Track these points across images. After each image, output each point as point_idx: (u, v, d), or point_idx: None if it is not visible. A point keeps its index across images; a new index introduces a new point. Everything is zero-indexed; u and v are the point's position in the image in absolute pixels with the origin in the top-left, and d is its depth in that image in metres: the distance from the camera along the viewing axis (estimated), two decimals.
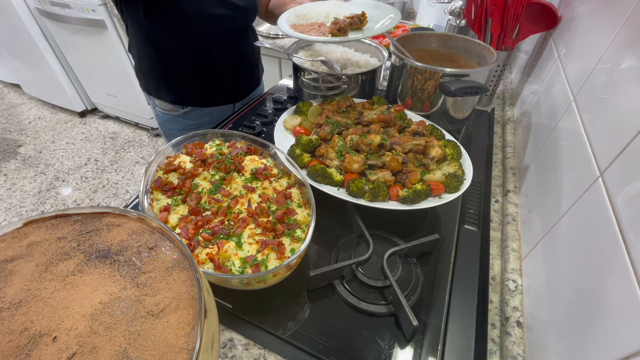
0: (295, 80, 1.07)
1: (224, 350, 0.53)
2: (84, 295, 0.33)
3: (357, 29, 0.88)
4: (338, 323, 0.56)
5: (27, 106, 3.18)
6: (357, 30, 0.88)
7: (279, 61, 1.78)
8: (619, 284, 0.35)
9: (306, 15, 0.95)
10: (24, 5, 2.33)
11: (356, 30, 0.88)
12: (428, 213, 0.76)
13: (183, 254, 0.38)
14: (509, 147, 0.94)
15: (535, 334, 0.51)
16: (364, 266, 0.61)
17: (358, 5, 0.96)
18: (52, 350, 0.29)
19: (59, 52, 2.60)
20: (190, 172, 0.66)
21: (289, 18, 0.93)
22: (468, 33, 1.21)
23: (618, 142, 0.42)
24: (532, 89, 0.97)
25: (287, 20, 0.92)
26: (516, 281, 0.61)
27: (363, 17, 0.88)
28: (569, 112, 0.63)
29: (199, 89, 1.05)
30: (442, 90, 0.84)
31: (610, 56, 0.54)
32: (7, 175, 2.42)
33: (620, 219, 0.38)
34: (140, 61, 1.02)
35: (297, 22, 0.93)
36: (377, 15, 0.92)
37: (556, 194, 0.57)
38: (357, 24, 0.87)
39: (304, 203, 0.64)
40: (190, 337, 0.31)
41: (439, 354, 0.52)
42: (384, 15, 0.92)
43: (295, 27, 0.90)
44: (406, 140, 0.74)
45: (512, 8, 0.97)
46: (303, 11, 0.95)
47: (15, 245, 0.37)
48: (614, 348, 0.33)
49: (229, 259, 0.53)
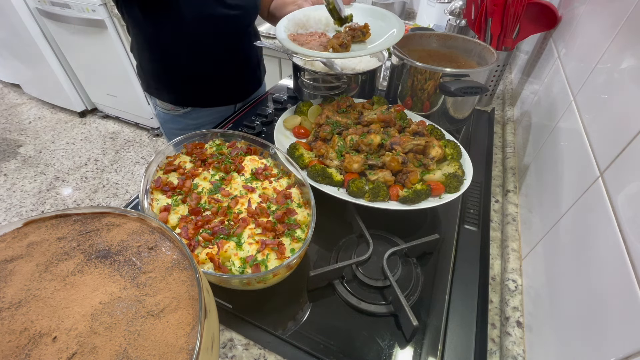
0: (295, 80, 1.07)
1: (224, 350, 0.53)
2: (84, 295, 0.33)
3: (359, 41, 0.84)
4: (338, 323, 0.56)
5: (27, 106, 3.18)
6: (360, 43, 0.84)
7: (279, 61, 1.78)
8: (619, 284, 0.35)
9: (305, 24, 0.91)
10: (24, 5, 2.33)
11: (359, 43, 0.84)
12: (428, 213, 0.76)
13: (183, 254, 0.38)
14: (509, 147, 0.94)
15: (535, 334, 0.50)
16: (364, 266, 0.61)
17: (358, 11, 0.92)
18: (52, 350, 0.29)
19: (59, 52, 2.60)
20: (190, 172, 0.66)
21: (287, 26, 0.88)
22: (468, 33, 1.21)
23: (618, 142, 0.42)
24: (532, 89, 0.97)
25: (286, 28, 0.87)
26: (516, 281, 0.61)
27: (366, 29, 0.84)
28: (569, 112, 0.63)
29: (200, 89, 1.05)
30: (442, 90, 0.84)
31: (610, 56, 0.54)
32: (7, 175, 2.42)
33: (620, 219, 0.38)
34: (141, 61, 1.02)
35: (296, 32, 0.89)
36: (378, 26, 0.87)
37: (556, 194, 0.57)
38: (360, 36, 0.84)
39: (304, 203, 0.64)
40: (190, 337, 0.31)
41: (439, 354, 0.52)
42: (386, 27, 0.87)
43: (294, 37, 0.86)
44: (406, 140, 0.74)
45: (512, 8, 0.97)
46: (302, 18, 0.91)
47: (15, 245, 0.37)
48: (614, 348, 0.33)
49: (229, 259, 0.53)
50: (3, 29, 2.54)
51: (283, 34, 0.84)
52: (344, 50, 0.79)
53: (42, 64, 2.62)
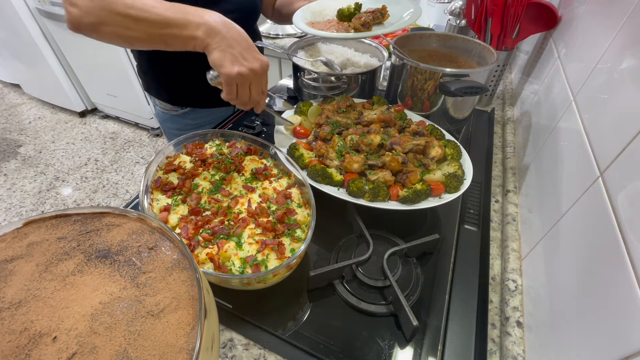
0: (295, 80, 1.07)
1: (224, 350, 0.53)
2: (84, 295, 0.33)
3: (378, 23, 0.85)
4: (338, 323, 0.56)
5: (27, 106, 3.18)
6: (379, 25, 0.85)
7: (279, 61, 1.78)
8: (619, 284, 0.35)
9: (322, 12, 0.91)
10: (23, 5, 2.33)
11: (378, 25, 0.85)
12: (428, 213, 0.76)
13: (183, 254, 0.38)
14: (509, 147, 0.94)
15: (535, 334, 0.50)
16: (364, 266, 0.61)
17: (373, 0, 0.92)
18: (52, 350, 0.29)
19: (59, 52, 2.61)
20: (190, 172, 0.66)
21: (304, 16, 0.89)
22: (468, 33, 1.21)
23: (618, 142, 0.42)
24: (532, 89, 0.97)
25: (303, 17, 0.88)
26: (516, 281, 0.61)
27: (384, 10, 0.85)
28: (569, 112, 0.63)
29: (199, 90, 1.05)
30: (442, 90, 0.84)
31: (610, 56, 0.54)
32: (7, 175, 2.42)
33: (620, 219, 0.38)
34: (141, 61, 1.02)
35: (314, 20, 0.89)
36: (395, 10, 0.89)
37: (556, 194, 0.57)
38: (379, 18, 0.85)
39: (304, 203, 0.64)
40: (190, 337, 0.31)
41: (439, 354, 0.52)
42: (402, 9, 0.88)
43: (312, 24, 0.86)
44: (406, 140, 0.74)
45: (512, 8, 0.97)
46: (318, 8, 0.91)
47: (15, 245, 0.37)
48: (614, 348, 0.33)
49: (229, 259, 0.53)
50: (3, 29, 2.54)
51: (301, 22, 0.85)
52: (366, 29, 0.80)
53: (42, 64, 2.62)
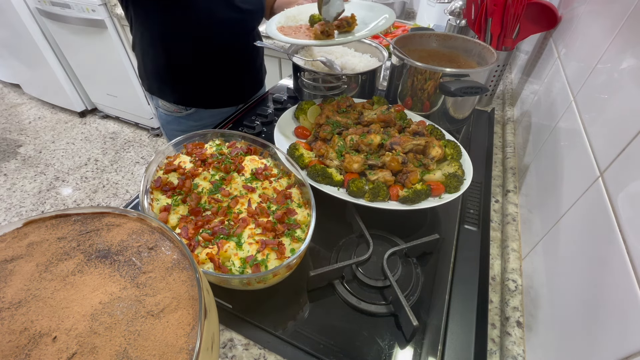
0: (295, 80, 1.07)
1: (224, 350, 0.53)
2: (84, 295, 0.33)
3: (345, 31, 0.86)
4: (338, 323, 0.56)
5: (27, 106, 3.18)
6: (345, 33, 0.86)
7: (279, 61, 1.78)
8: (619, 284, 0.35)
9: (296, 17, 0.93)
10: (24, 5, 2.33)
11: (344, 33, 0.86)
12: (428, 213, 0.76)
13: (183, 254, 0.38)
14: (509, 147, 0.94)
15: (535, 334, 0.51)
16: (364, 266, 0.61)
17: (353, 7, 0.94)
18: (52, 350, 0.29)
19: (59, 52, 2.60)
20: (190, 172, 0.66)
21: (279, 20, 0.91)
22: (468, 33, 1.21)
23: (618, 142, 0.42)
24: (532, 89, 0.97)
25: (277, 22, 0.90)
26: (516, 281, 0.61)
27: (352, 19, 0.86)
28: (569, 112, 0.63)
29: (204, 90, 1.05)
30: (442, 90, 0.84)
31: (610, 56, 0.54)
32: (7, 175, 2.42)
33: (620, 219, 0.38)
34: (144, 61, 1.02)
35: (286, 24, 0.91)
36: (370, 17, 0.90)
37: (556, 194, 0.57)
38: (345, 26, 0.85)
39: (304, 203, 0.64)
40: (190, 337, 0.31)
41: (439, 354, 0.52)
42: (377, 17, 0.89)
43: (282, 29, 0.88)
44: (406, 140, 0.74)
45: (512, 8, 0.97)
46: (294, 13, 0.93)
47: (15, 245, 0.37)
48: (614, 348, 0.33)
49: (229, 259, 0.53)
50: (3, 29, 2.54)
51: (273, 26, 0.87)
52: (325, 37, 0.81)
53: (42, 64, 2.62)
